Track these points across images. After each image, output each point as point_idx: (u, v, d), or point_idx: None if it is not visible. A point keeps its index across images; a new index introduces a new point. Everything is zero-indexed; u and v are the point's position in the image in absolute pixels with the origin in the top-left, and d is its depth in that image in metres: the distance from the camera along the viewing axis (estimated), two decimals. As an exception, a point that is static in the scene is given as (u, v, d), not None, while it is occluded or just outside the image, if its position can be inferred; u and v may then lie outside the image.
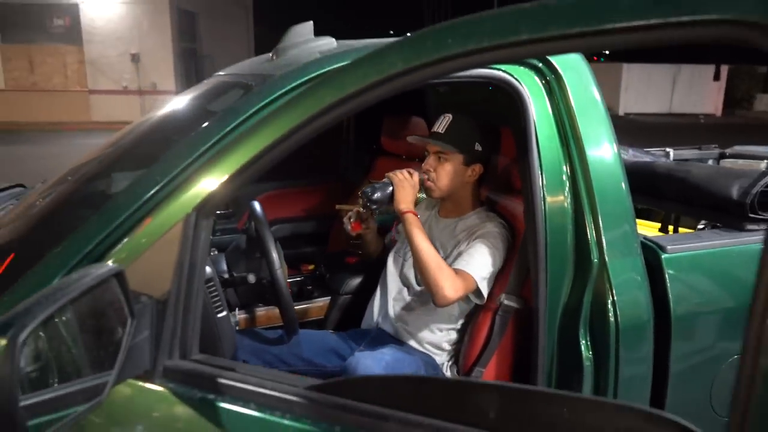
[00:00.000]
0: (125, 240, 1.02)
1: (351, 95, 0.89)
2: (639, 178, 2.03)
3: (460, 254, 1.66)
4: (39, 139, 13.50)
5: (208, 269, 1.35)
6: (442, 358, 1.73)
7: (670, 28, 0.71)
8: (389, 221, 2.19)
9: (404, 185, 1.68)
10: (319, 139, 2.96)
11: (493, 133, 1.84)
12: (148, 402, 0.96)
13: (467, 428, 0.74)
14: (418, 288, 1.77)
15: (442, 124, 1.77)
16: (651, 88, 20.25)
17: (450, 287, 1.55)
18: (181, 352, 0.98)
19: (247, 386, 0.90)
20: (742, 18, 0.66)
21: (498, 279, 1.67)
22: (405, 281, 1.82)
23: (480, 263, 1.62)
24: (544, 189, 1.47)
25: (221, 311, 1.37)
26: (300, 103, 0.95)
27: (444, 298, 1.55)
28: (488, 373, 1.64)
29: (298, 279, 2.48)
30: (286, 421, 0.85)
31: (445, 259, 1.67)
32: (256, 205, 1.70)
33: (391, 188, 1.69)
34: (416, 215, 1.67)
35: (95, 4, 16.87)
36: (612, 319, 1.42)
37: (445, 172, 1.75)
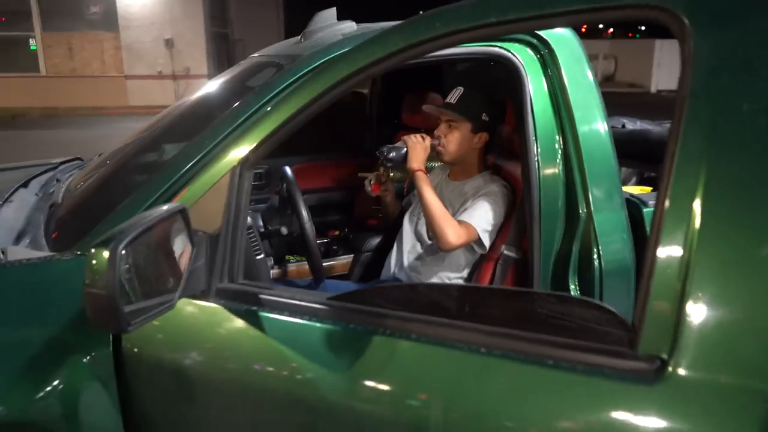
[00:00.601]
0: (186, 188, 1.28)
1: (362, 68, 1.12)
2: (635, 145, 2.21)
3: (465, 209, 1.88)
4: (80, 123, 13.99)
5: (248, 218, 1.60)
6: (450, 303, 1.97)
7: (607, 10, 0.93)
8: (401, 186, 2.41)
9: (416, 147, 1.90)
10: (345, 115, 3.23)
11: (500, 106, 2.04)
12: (204, 315, 1.22)
13: (448, 320, 0.97)
14: (429, 242, 2.00)
15: (454, 96, 1.98)
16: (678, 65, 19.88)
17: (453, 234, 1.78)
18: (229, 277, 1.23)
19: (282, 299, 1.15)
20: (651, 3, 0.87)
21: (499, 232, 1.89)
22: (418, 236, 2.05)
23: (481, 216, 1.84)
24: (539, 156, 1.67)
25: (259, 254, 1.63)
26: (321, 76, 1.19)
27: (448, 244, 1.78)
28: (491, 315, 1.87)
29: (325, 241, 2.72)
30: (311, 323, 1.10)
31: (453, 215, 1.89)
32: (288, 170, 1.95)
33: (405, 149, 1.92)
34: (426, 173, 1.89)
35: (130, -9, 17.27)
36: (597, 265, 1.62)
37: (455, 138, 1.96)
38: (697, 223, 0.79)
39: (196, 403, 1.22)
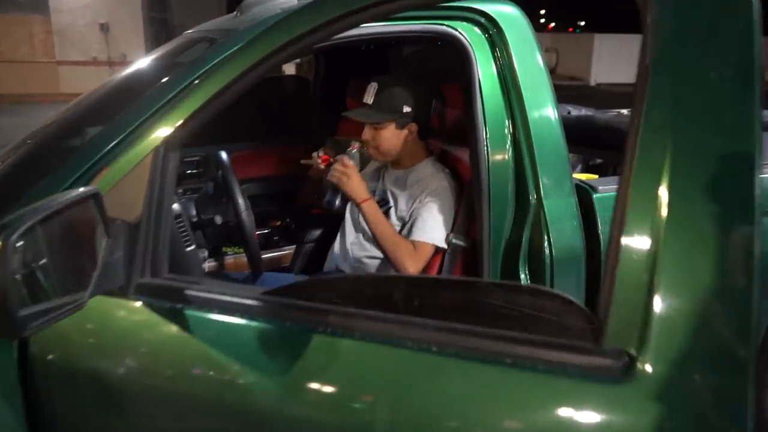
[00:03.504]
0: (103, 171, 1.14)
1: (297, 37, 1.01)
2: (580, 131, 2.18)
3: (414, 221, 1.80)
4: (8, 111, 13.25)
5: (176, 206, 1.46)
6: (396, 295, 1.89)
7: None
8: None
9: (345, 181, 1.76)
10: (287, 102, 3.08)
11: (426, 91, 1.91)
12: (123, 314, 1.09)
13: (394, 315, 0.88)
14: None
15: (369, 95, 1.86)
16: (622, 59, 20.37)
17: (410, 263, 1.73)
18: (152, 271, 1.10)
19: (211, 295, 1.03)
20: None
21: (448, 222, 1.82)
22: (361, 228, 1.95)
23: (434, 227, 1.77)
24: (488, 141, 1.60)
25: (189, 245, 1.49)
26: (252, 47, 1.08)
27: (407, 272, 1.73)
28: (439, 306, 1.80)
29: (266, 232, 2.59)
30: (243, 322, 0.98)
31: (399, 212, 1.83)
32: (223, 155, 1.82)
33: (339, 192, 1.80)
34: (371, 200, 1.78)
35: (61, -28, 16.48)
36: (547, 252, 1.57)
37: (383, 139, 1.85)
38: (664, 203, 0.72)
39: (114, 414, 1.09)
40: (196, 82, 1.15)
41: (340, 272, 1.97)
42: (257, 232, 2.56)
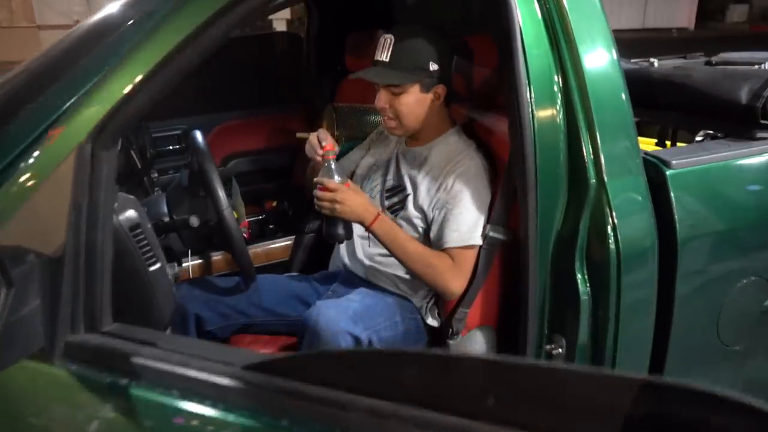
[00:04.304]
0: (5, 185, 0.79)
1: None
2: (633, 87, 1.83)
3: (445, 219, 1.46)
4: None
5: (133, 213, 1.12)
6: (419, 300, 1.54)
7: None
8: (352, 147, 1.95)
9: (339, 208, 1.39)
10: (278, 63, 2.66)
11: (449, 44, 1.56)
12: (43, 389, 0.75)
13: (456, 419, 0.54)
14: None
15: (384, 51, 1.48)
16: (624, 3, 19.76)
17: (453, 281, 1.43)
18: (87, 323, 0.77)
19: (169, 366, 0.69)
20: None
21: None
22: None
23: (470, 223, 1.44)
24: (533, 103, 1.26)
25: (154, 263, 1.14)
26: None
27: (453, 295, 1.44)
28: (473, 313, 1.47)
29: (260, 218, 2.26)
30: (216, 413, 0.64)
31: (418, 200, 1.51)
32: (197, 135, 1.45)
33: (340, 220, 1.43)
34: (380, 217, 1.43)
35: (34, -70, 15.76)
36: (612, 247, 1.25)
37: (405, 106, 1.49)
38: None
39: None
40: (135, 44, 0.78)
41: (348, 273, 1.62)
42: (248, 219, 2.23)
